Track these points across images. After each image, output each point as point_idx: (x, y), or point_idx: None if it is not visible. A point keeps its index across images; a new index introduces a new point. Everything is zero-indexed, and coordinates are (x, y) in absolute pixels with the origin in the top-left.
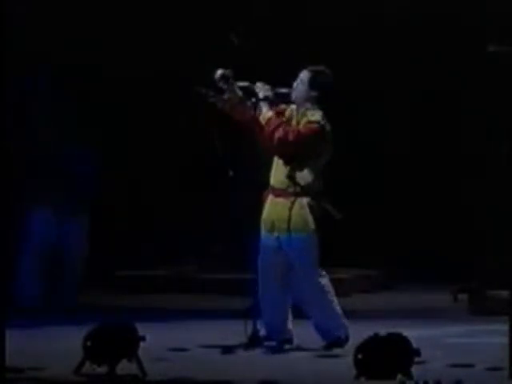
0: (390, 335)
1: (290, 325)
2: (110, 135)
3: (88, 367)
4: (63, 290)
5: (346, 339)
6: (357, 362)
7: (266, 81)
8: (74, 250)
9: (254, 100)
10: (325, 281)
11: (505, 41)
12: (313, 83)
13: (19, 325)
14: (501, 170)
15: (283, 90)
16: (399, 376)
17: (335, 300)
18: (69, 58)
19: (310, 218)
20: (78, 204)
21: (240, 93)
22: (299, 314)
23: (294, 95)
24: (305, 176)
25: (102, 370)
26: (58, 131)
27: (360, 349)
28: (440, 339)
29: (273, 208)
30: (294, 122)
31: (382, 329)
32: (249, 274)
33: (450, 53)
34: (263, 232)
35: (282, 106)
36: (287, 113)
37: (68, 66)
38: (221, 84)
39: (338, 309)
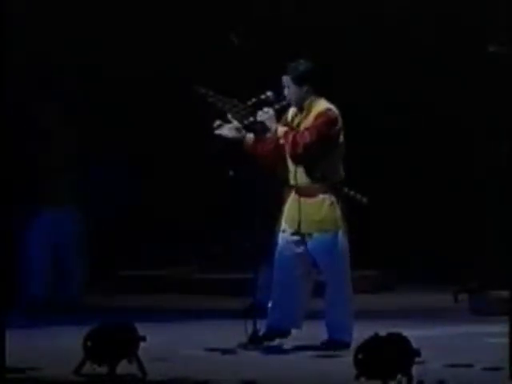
0: (391, 335)
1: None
2: (110, 135)
3: (88, 367)
4: (65, 289)
5: (349, 345)
6: (357, 362)
7: (264, 81)
8: (74, 250)
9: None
10: (349, 282)
11: (505, 41)
12: (297, 80)
13: (19, 325)
14: (500, 170)
15: (283, 103)
16: (399, 376)
17: (353, 304)
18: (69, 58)
19: (340, 217)
20: (78, 204)
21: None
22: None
23: (291, 101)
24: (327, 168)
25: (102, 370)
26: (61, 132)
27: (360, 349)
28: (440, 339)
29: (299, 207)
30: (303, 122)
31: (382, 329)
32: (248, 274)
33: (450, 53)
34: (286, 231)
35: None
36: (292, 117)
37: (68, 66)
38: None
39: (353, 313)
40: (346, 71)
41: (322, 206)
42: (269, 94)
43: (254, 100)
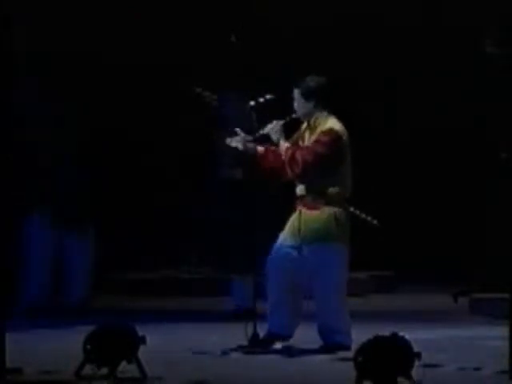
0: (391, 337)
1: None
2: (111, 135)
3: (89, 369)
4: (68, 291)
5: (348, 348)
6: (357, 365)
7: (264, 81)
8: (75, 261)
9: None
10: (343, 287)
11: (504, 42)
12: (306, 95)
13: (19, 326)
14: (500, 171)
15: (293, 116)
16: (399, 378)
17: (345, 310)
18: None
19: (339, 229)
20: (81, 214)
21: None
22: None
23: (299, 115)
24: (332, 184)
25: (103, 371)
26: (57, 134)
27: (360, 351)
28: (440, 341)
29: (301, 218)
30: (308, 138)
31: (383, 331)
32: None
33: (450, 53)
34: (284, 238)
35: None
36: (300, 133)
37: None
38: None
39: (348, 317)
40: (345, 72)
41: (321, 217)
42: (268, 97)
43: (252, 103)
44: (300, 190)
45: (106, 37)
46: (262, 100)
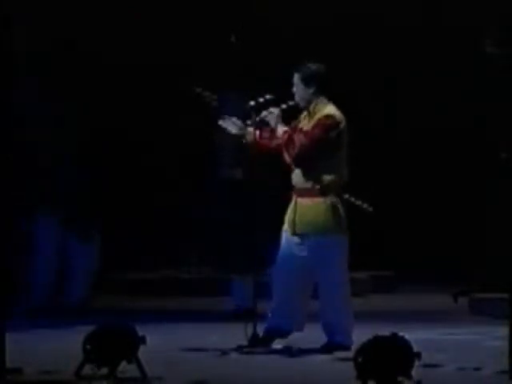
0: (391, 337)
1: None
2: (111, 135)
3: (89, 369)
4: (71, 290)
5: (349, 348)
6: (357, 365)
7: (264, 81)
8: (75, 261)
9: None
10: (346, 284)
11: (504, 42)
12: (306, 81)
13: (19, 326)
14: (500, 171)
15: (290, 103)
16: (400, 378)
17: (349, 306)
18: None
19: (336, 220)
20: (81, 214)
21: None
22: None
23: (297, 100)
24: (327, 172)
25: (103, 371)
26: (57, 134)
27: (360, 351)
28: (440, 341)
29: (297, 208)
30: (306, 124)
31: (383, 331)
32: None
33: (450, 53)
34: (285, 231)
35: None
36: (301, 120)
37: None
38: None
39: (352, 316)
40: (345, 72)
41: (318, 208)
42: (268, 97)
43: (252, 103)
44: (295, 175)
45: (106, 37)
46: (261, 100)
